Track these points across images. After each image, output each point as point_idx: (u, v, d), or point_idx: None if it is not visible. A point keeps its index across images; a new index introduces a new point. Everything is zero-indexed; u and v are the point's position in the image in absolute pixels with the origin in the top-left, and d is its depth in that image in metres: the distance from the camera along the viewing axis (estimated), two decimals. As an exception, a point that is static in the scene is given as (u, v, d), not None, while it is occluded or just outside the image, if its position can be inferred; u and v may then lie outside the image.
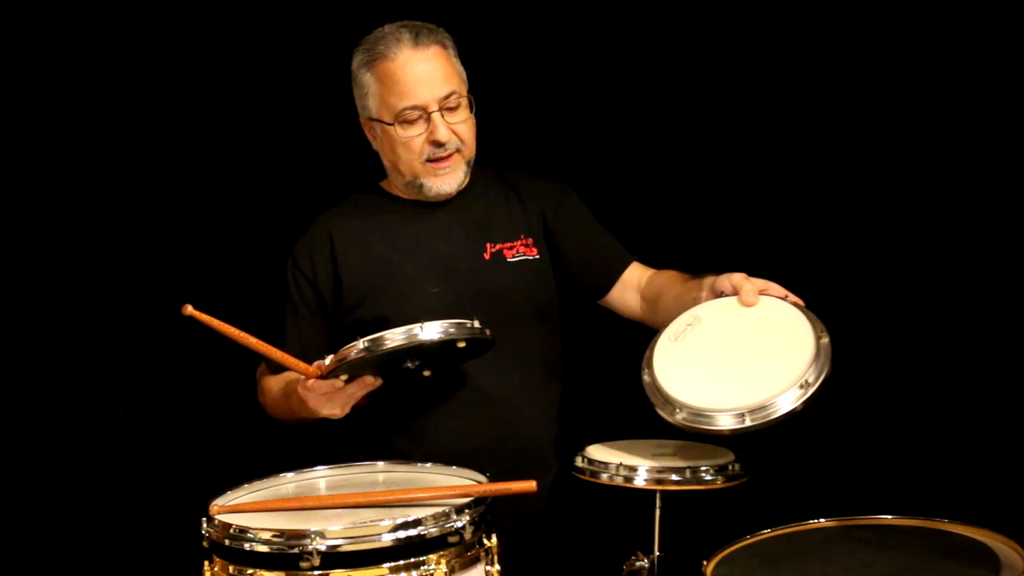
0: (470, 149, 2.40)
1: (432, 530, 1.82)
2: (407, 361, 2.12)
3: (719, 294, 2.14)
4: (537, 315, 2.41)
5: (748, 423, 1.89)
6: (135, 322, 2.98)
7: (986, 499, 2.44)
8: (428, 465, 2.17)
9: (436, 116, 2.32)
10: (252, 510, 1.97)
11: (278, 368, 2.28)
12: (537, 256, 2.42)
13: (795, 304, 2.06)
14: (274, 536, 1.82)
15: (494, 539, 1.92)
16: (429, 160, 2.36)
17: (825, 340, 1.96)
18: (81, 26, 2.90)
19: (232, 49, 2.98)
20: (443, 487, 1.98)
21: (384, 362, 2.08)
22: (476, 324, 2.09)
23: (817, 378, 1.91)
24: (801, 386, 1.90)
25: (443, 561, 1.83)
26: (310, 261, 2.41)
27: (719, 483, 2.05)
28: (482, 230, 2.42)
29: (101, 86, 2.92)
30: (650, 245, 2.57)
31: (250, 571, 1.84)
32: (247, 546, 1.83)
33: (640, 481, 2.06)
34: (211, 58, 2.98)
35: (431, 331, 2.03)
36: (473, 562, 1.89)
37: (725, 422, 1.91)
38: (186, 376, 3.00)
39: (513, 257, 2.41)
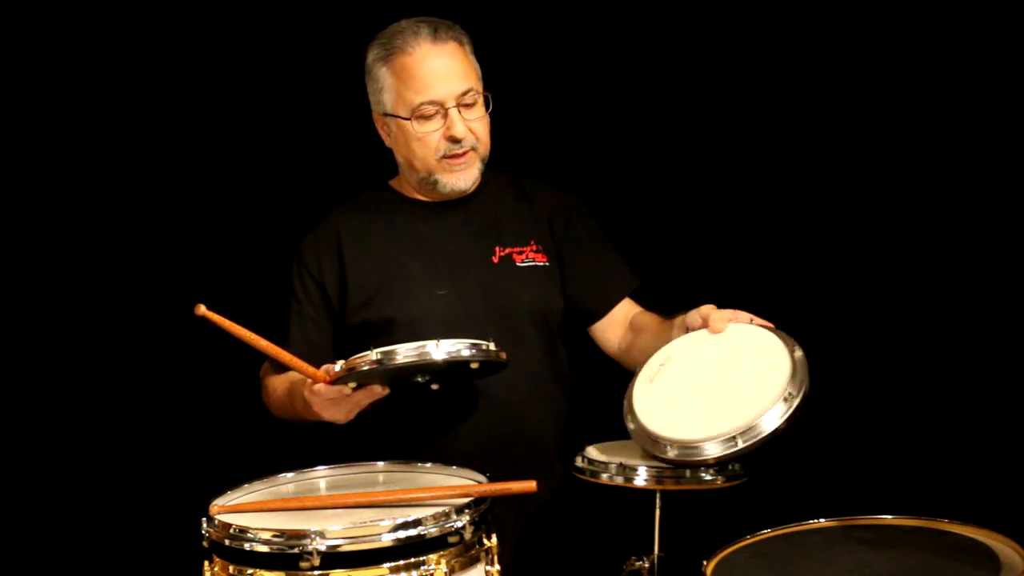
0: (485, 147, 2.39)
1: (432, 530, 1.82)
2: (417, 375, 2.09)
3: (689, 330, 2.15)
4: (544, 321, 2.39)
5: (740, 445, 1.91)
6: (136, 322, 2.98)
7: (986, 499, 2.44)
8: (428, 465, 2.16)
9: (453, 112, 2.31)
10: (252, 510, 1.97)
11: (283, 367, 2.27)
12: (547, 263, 2.41)
13: (763, 326, 2.09)
14: (274, 536, 1.82)
15: (494, 539, 1.92)
16: (445, 156, 2.35)
17: (799, 353, 1.98)
18: (90, 21, 2.90)
19: (242, 45, 2.97)
20: (443, 487, 1.97)
21: (394, 375, 2.07)
22: (492, 346, 2.06)
23: (799, 390, 1.93)
24: (785, 399, 1.92)
25: (443, 561, 1.82)
26: (316, 259, 2.40)
27: (719, 483, 2.05)
28: (492, 233, 2.42)
29: (107, 81, 2.91)
30: (651, 253, 2.57)
31: (250, 571, 1.84)
32: (247, 546, 1.83)
33: (640, 481, 2.05)
34: (221, 54, 2.96)
35: (445, 349, 2.00)
36: (473, 562, 1.89)
37: (714, 450, 1.93)
38: (186, 376, 3.00)
39: (523, 262, 2.40)
